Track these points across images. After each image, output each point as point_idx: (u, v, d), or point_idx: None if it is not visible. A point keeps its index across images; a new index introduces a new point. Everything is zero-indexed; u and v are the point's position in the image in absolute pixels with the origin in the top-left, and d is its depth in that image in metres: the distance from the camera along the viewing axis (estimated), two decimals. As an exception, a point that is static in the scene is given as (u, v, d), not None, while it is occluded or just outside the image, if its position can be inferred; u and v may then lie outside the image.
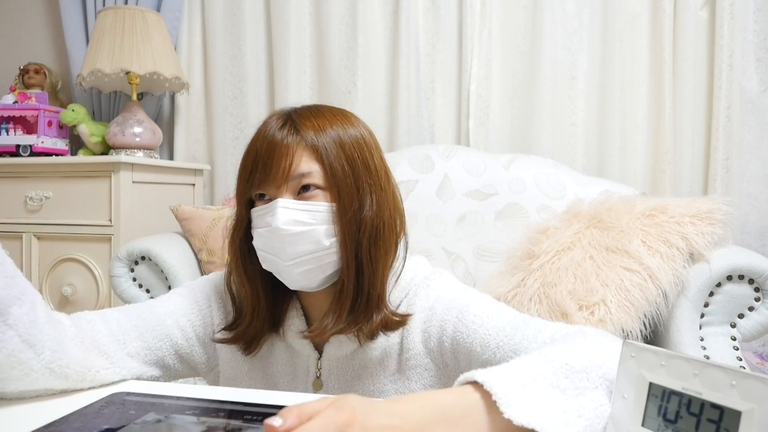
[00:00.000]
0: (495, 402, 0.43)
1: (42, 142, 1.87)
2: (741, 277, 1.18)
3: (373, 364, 0.73)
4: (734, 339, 1.19)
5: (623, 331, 1.16)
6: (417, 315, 0.72)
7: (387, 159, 0.76)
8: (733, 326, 1.20)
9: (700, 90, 1.73)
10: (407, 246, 0.76)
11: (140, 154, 1.86)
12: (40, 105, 1.93)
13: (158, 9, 2.05)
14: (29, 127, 1.89)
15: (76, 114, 1.90)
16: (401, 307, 0.74)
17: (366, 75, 1.92)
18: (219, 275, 0.81)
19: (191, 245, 1.58)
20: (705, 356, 1.16)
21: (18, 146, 1.86)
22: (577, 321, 1.16)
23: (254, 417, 0.54)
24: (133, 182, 1.75)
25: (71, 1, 2.14)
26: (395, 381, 0.73)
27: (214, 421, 0.53)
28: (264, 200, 0.69)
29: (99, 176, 1.71)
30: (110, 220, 1.70)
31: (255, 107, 2.06)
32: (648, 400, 0.44)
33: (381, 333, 0.71)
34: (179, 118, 2.14)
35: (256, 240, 0.69)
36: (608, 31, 1.78)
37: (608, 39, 1.78)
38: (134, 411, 0.55)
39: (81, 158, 1.85)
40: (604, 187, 1.51)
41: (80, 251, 1.74)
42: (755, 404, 0.37)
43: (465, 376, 0.47)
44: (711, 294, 1.20)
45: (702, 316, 1.20)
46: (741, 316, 1.19)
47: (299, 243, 0.66)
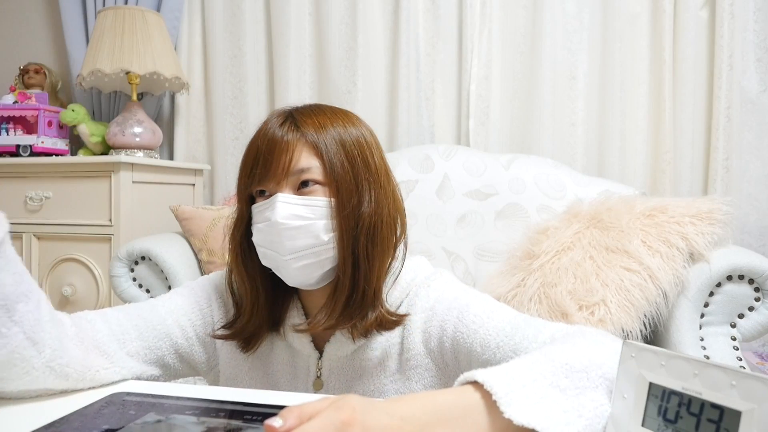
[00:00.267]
0: (495, 402, 0.43)
1: (42, 142, 1.87)
2: (741, 277, 1.18)
3: (374, 364, 0.73)
4: (734, 339, 1.19)
5: (623, 331, 1.16)
6: (417, 315, 0.72)
7: (387, 159, 0.76)
8: (733, 326, 1.20)
9: (700, 90, 1.73)
10: (407, 246, 0.76)
11: (140, 154, 1.86)
12: (40, 105, 1.93)
13: (158, 9, 2.05)
14: (29, 127, 1.89)
15: (76, 114, 1.90)
16: (402, 308, 0.74)
17: (366, 75, 1.92)
18: (220, 275, 0.82)
19: (191, 245, 1.58)
20: (705, 356, 1.16)
21: (18, 146, 1.86)
22: (577, 321, 1.16)
23: (254, 417, 0.54)
24: (133, 182, 1.75)
25: (71, 1, 2.14)
26: (396, 381, 0.73)
27: (214, 421, 0.53)
28: (264, 196, 0.69)
29: (99, 176, 1.71)
30: (110, 220, 1.70)
31: (255, 107, 2.06)
32: (648, 400, 0.44)
33: (376, 332, 0.72)
34: (179, 118, 2.14)
35: (256, 236, 0.70)
36: (608, 31, 1.78)
37: (608, 39, 1.78)
38: (134, 411, 0.55)
39: (81, 158, 1.85)
40: (604, 187, 1.51)
41: (80, 251, 1.74)
42: (755, 404, 0.37)
43: (465, 376, 0.47)
44: (711, 294, 1.20)
45: (702, 316, 1.20)
46: (741, 316, 1.19)
47: (298, 237, 0.66)
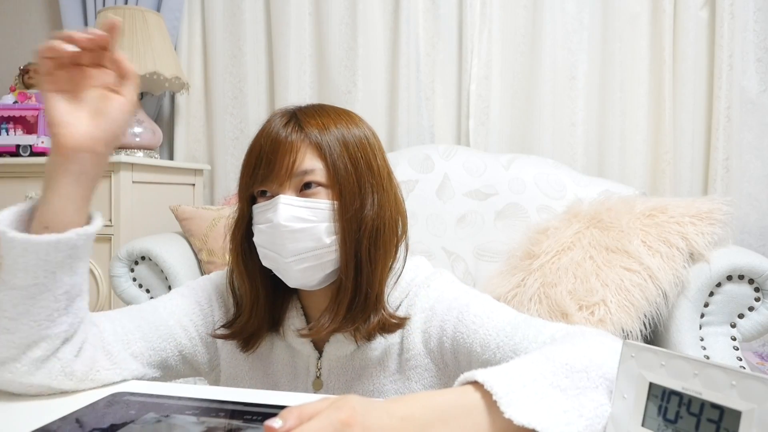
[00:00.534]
0: (495, 402, 0.43)
1: (42, 142, 1.87)
2: (741, 277, 1.18)
3: (373, 364, 0.73)
4: (734, 339, 1.19)
5: (623, 331, 1.16)
6: (417, 315, 0.72)
7: (388, 160, 0.76)
8: (733, 326, 1.20)
9: (700, 90, 1.74)
10: (408, 247, 0.76)
11: (140, 154, 1.86)
12: (41, 105, 1.93)
13: (158, 9, 2.05)
14: (29, 127, 1.89)
15: (76, 114, 1.90)
16: (401, 308, 0.74)
17: (366, 75, 1.92)
18: (220, 274, 0.81)
19: (191, 245, 1.58)
20: (705, 356, 1.16)
21: (18, 146, 1.86)
22: (577, 321, 1.16)
23: (254, 417, 0.54)
24: (133, 182, 1.75)
25: (71, 1, 2.14)
26: (395, 381, 0.73)
27: (214, 421, 0.53)
28: (266, 197, 0.69)
29: (99, 176, 1.71)
30: (110, 220, 1.70)
31: (255, 107, 2.06)
32: (648, 400, 0.44)
33: (379, 334, 0.72)
34: (179, 118, 2.14)
35: (257, 236, 0.69)
36: (608, 31, 1.78)
37: (608, 39, 1.78)
38: (134, 411, 0.55)
39: (81, 158, 1.84)
40: (604, 187, 1.51)
41: (80, 251, 1.74)
42: (755, 404, 0.37)
43: (465, 376, 0.47)
44: (711, 294, 1.20)
45: (702, 316, 1.20)
46: (741, 316, 1.20)
47: (300, 240, 0.66)
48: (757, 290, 1.18)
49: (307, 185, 0.67)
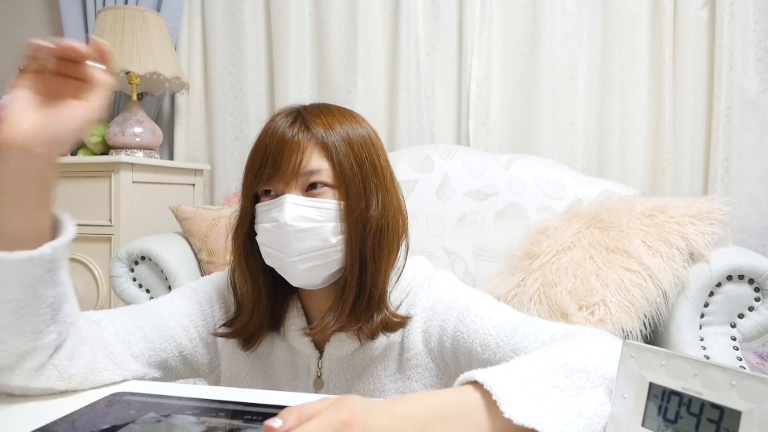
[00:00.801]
0: (495, 402, 0.43)
1: (42, 142, 1.87)
2: (741, 277, 1.18)
3: (374, 364, 0.73)
4: (734, 339, 1.19)
5: (623, 331, 1.16)
6: (418, 315, 0.72)
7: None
8: (733, 326, 1.20)
9: (700, 90, 1.73)
10: (408, 246, 0.76)
11: (140, 154, 1.86)
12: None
13: (158, 9, 2.05)
14: (29, 127, 1.89)
15: (76, 114, 1.90)
16: (402, 307, 0.74)
17: (366, 75, 1.92)
18: (221, 275, 0.82)
19: (191, 245, 1.58)
20: (705, 356, 1.16)
21: (18, 146, 1.86)
22: (577, 321, 1.16)
23: (254, 417, 0.54)
24: (133, 182, 1.75)
25: (71, 1, 2.14)
26: (396, 381, 0.73)
27: (214, 421, 0.53)
28: (270, 196, 0.69)
29: (99, 176, 1.71)
30: (110, 220, 1.70)
31: (255, 107, 2.06)
32: (648, 400, 0.44)
33: (382, 334, 0.72)
34: (179, 118, 2.14)
35: (261, 235, 0.69)
36: (608, 31, 1.78)
37: (608, 39, 1.78)
38: (134, 411, 0.55)
39: (81, 158, 1.85)
40: (604, 187, 1.51)
41: (80, 251, 1.74)
42: (755, 404, 0.37)
43: (465, 376, 0.47)
44: (711, 294, 1.20)
45: (702, 316, 1.20)
46: (741, 316, 1.20)
47: (306, 239, 0.66)
48: (757, 290, 1.18)
49: (313, 185, 0.67)
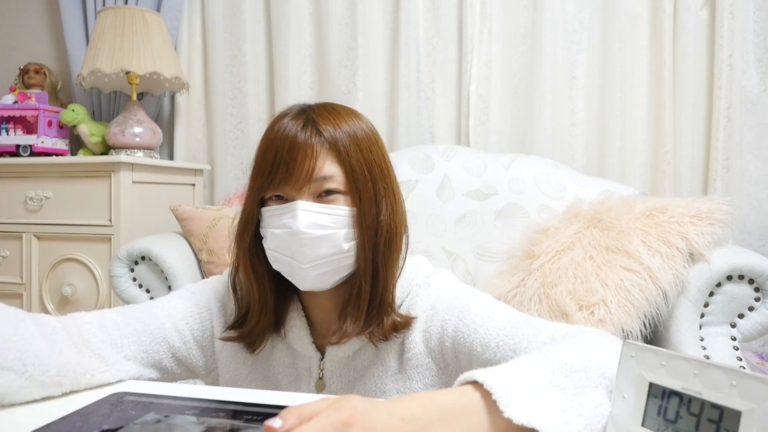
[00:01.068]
0: (495, 401, 0.43)
1: (42, 142, 1.87)
2: (741, 277, 1.18)
3: (375, 365, 0.73)
4: (734, 339, 1.19)
5: (623, 331, 1.16)
6: (418, 315, 0.72)
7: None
8: (733, 326, 1.20)
9: (700, 90, 1.73)
10: (408, 245, 0.76)
11: (140, 154, 1.86)
12: (40, 105, 1.93)
13: (158, 9, 2.05)
14: (29, 127, 1.89)
15: (76, 114, 1.90)
16: (402, 307, 0.74)
17: (366, 75, 1.92)
18: (220, 279, 0.81)
19: (191, 245, 1.58)
20: (705, 356, 1.16)
21: (18, 146, 1.86)
22: (577, 321, 1.16)
23: (254, 417, 0.54)
24: (133, 182, 1.75)
25: (71, 1, 2.14)
26: (397, 381, 0.73)
27: (214, 421, 0.53)
28: (279, 201, 0.68)
29: (99, 176, 1.71)
30: (110, 220, 1.70)
31: (255, 107, 2.06)
32: (648, 400, 0.44)
33: (394, 335, 0.72)
34: (179, 118, 2.14)
35: (270, 240, 0.68)
36: (608, 31, 1.78)
37: (608, 39, 1.78)
38: (134, 411, 0.55)
39: (81, 158, 1.85)
40: (604, 187, 1.51)
41: (80, 251, 1.74)
42: (755, 404, 0.37)
43: (465, 376, 0.47)
44: (711, 294, 1.20)
45: (702, 316, 1.20)
46: (741, 316, 1.19)
47: (319, 246, 0.66)
48: (757, 290, 1.18)
49: (327, 192, 0.67)
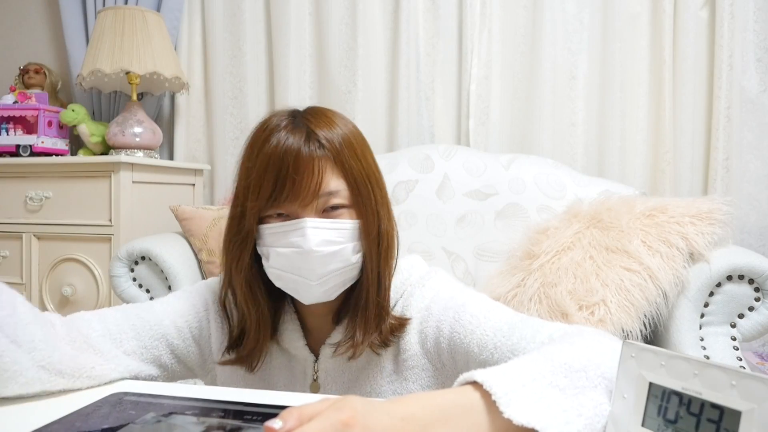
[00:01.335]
0: (495, 402, 0.43)
1: (42, 142, 1.87)
2: (741, 277, 1.18)
3: (370, 366, 0.73)
4: (734, 339, 1.19)
5: (623, 331, 1.16)
6: (413, 316, 0.72)
7: (387, 159, 0.76)
8: (733, 326, 1.20)
9: (700, 90, 1.73)
10: (399, 246, 0.75)
11: (140, 154, 1.86)
12: (40, 105, 1.93)
13: (158, 9, 2.05)
14: (29, 127, 1.89)
15: (76, 114, 1.90)
16: (396, 308, 0.74)
17: (366, 75, 1.92)
18: (217, 281, 0.81)
19: (191, 245, 1.58)
20: (705, 356, 1.16)
21: (18, 146, 1.86)
22: (577, 321, 1.16)
23: (254, 417, 0.54)
24: (133, 182, 1.75)
25: (71, 1, 2.14)
26: (392, 382, 0.73)
27: (214, 421, 0.53)
28: (281, 218, 0.66)
29: (99, 176, 1.71)
30: (110, 220, 1.70)
31: (255, 107, 2.06)
32: (648, 400, 0.44)
33: (392, 338, 0.71)
34: (179, 118, 2.14)
35: (274, 259, 0.67)
36: (608, 31, 1.77)
37: (608, 39, 1.78)
38: (134, 411, 0.55)
39: (81, 158, 1.85)
40: (604, 187, 1.51)
41: (80, 251, 1.74)
42: (755, 404, 0.37)
43: (465, 376, 0.47)
44: (711, 294, 1.20)
45: (702, 316, 1.20)
46: (741, 316, 1.19)
47: (330, 263, 0.66)
48: (757, 290, 1.18)
49: (333, 207, 0.66)
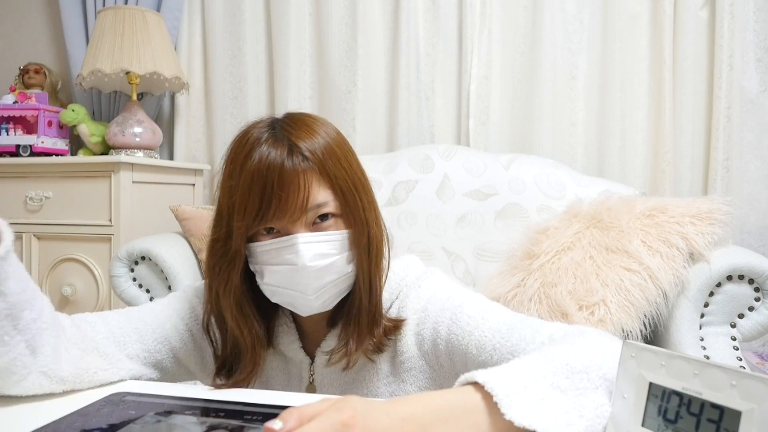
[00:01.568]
0: (496, 403, 0.43)
1: (42, 142, 1.87)
2: (741, 277, 1.18)
3: (366, 368, 0.73)
4: (734, 339, 1.19)
5: (623, 331, 1.16)
6: (409, 317, 0.72)
7: (387, 159, 0.75)
8: (733, 326, 1.20)
9: (700, 90, 1.73)
10: (390, 246, 0.74)
11: (140, 154, 1.86)
12: (40, 105, 1.93)
13: (158, 9, 2.05)
14: (29, 127, 1.89)
15: (76, 114, 1.90)
16: (392, 309, 0.73)
17: (366, 75, 1.92)
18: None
19: (191, 245, 1.58)
20: (705, 356, 1.16)
21: (18, 146, 1.86)
22: (577, 321, 1.16)
23: (254, 417, 0.54)
24: (133, 182, 1.75)
25: (71, 1, 2.14)
26: (389, 384, 0.72)
27: (214, 421, 0.53)
28: (270, 234, 0.65)
29: (99, 176, 1.71)
30: (110, 220, 1.70)
31: (255, 107, 2.06)
32: (648, 400, 0.44)
33: (386, 341, 0.71)
34: (179, 118, 2.14)
35: (268, 277, 0.66)
36: (608, 31, 1.77)
37: (608, 39, 1.78)
38: (134, 411, 0.55)
39: (81, 158, 1.85)
40: (604, 187, 1.51)
41: (80, 251, 1.74)
42: (755, 404, 0.37)
43: (465, 377, 0.47)
44: (711, 294, 1.20)
45: (702, 316, 1.20)
46: (741, 316, 1.19)
47: (326, 276, 0.65)
48: (757, 290, 1.18)
49: (322, 217, 0.65)
